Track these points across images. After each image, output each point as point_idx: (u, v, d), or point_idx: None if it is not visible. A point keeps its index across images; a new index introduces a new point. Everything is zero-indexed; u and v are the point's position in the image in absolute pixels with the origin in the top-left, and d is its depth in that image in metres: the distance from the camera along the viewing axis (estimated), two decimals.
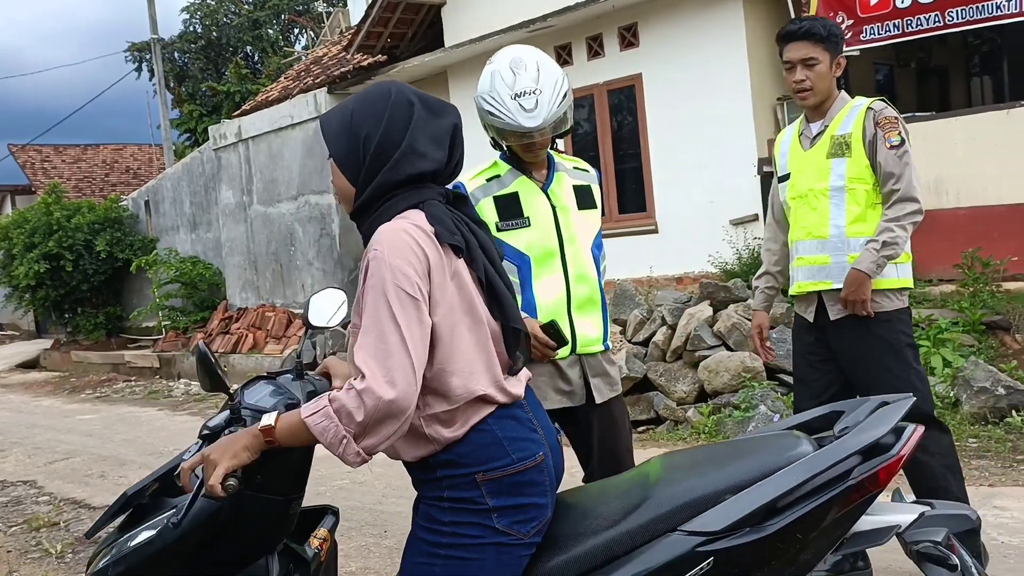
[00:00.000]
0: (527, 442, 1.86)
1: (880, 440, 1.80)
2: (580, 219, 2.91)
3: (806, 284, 3.28)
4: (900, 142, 3.12)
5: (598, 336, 2.91)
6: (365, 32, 11.35)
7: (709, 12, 8.60)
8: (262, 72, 24.57)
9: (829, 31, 3.19)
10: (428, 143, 1.85)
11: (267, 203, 13.31)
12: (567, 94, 2.77)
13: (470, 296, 1.85)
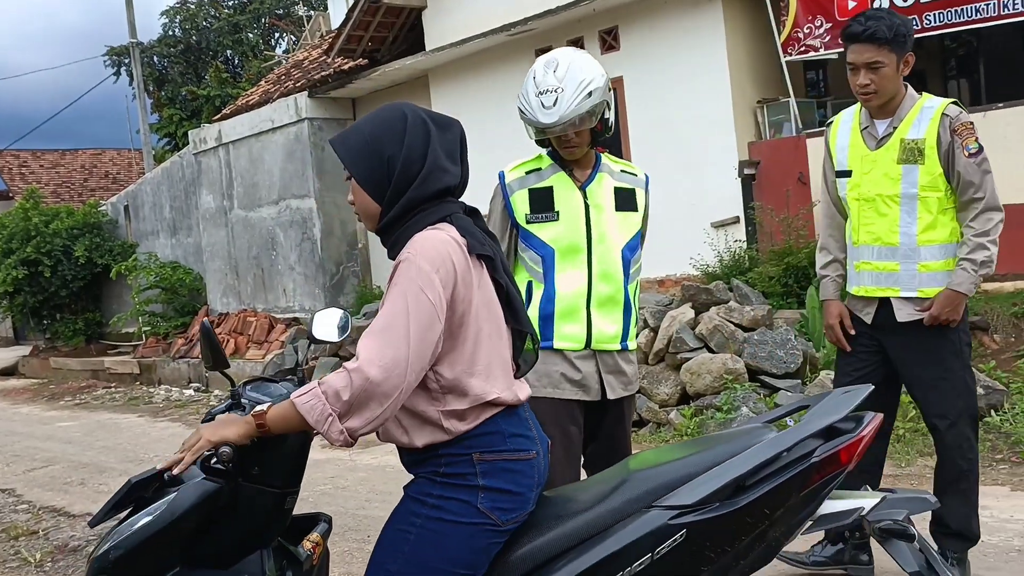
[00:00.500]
0: (524, 439, 2.00)
1: (839, 424, 1.95)
2: (615, 219, 2.98)
3: (872, 289, 3.22)
4: (978, 149, 3.05)
5: (615, 334, 2.97)
6: (346, 36, 11.32)
7: (689, 16, 8.64)
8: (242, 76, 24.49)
9: (895, 31, 3.03)
10: (446, 159, 1.97)
11: (248, 208, 13.24)
12: (593, 93, 2.84)
13: (492, 303, 1.99)
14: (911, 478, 4.86)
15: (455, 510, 1.93)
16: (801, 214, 7.72)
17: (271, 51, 24.70)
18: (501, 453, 1.95)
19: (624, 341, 3.00)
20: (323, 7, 21.17)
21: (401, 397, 1.82)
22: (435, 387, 1.92)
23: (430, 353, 1.85)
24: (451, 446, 1.94)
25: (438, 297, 1.84)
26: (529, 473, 1.98)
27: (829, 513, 1.96)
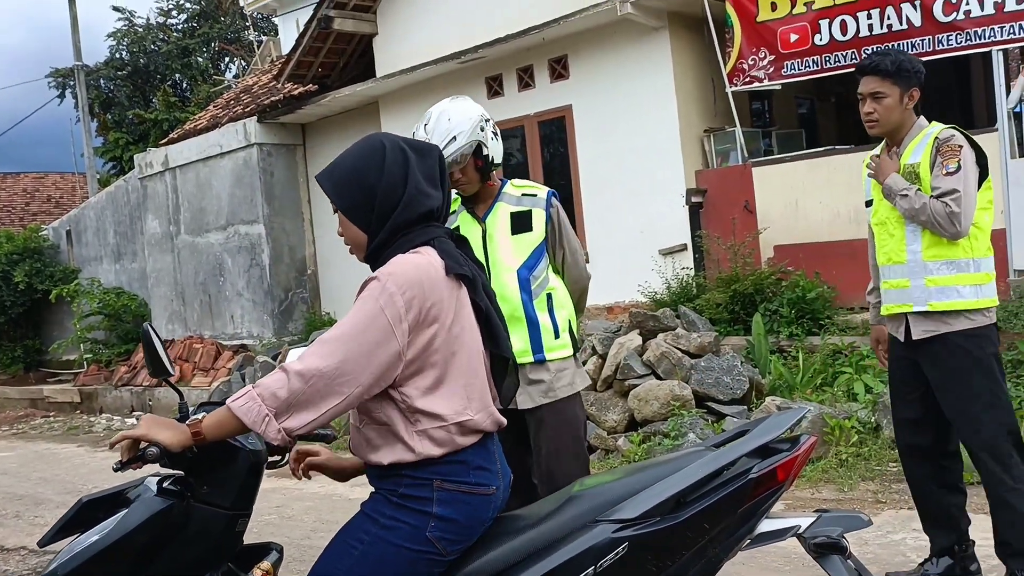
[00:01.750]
0: (488, 473, 2.03)
1: (776, 444, 2.02)
2: (509, 244, 3.25)
3: (893, 306, 3.40)
4: (956, 168, 3.19)
5: (523, 348, 3.17)
6: (296, 61, 11.29)
7: (637, 46, 8.78)
8: (191, 100, 24.23)
9: (898, 66, 3.27)
10: (426, 183, 2.03)
11: (195, 233, 13.07)
12: (457, 137, 3.12)
13: (471, 326, 2.03)
14: (853, 502, 4.93)
15: (403, 534, 1.95)
16: (747, 241, 7.84)
17: (220, 76, 24.50)
18: (462, 484, 1.98)
19: (538, 353, 3.22)
20: (274, 32, 21.09)
21: (343, 405, 1.86)
22: (404, 407, 1.95)
23: (382, 370, 1.88)
24: (415, 468, 1.96)
25: (398, 318, 1.88)
26: (484, 509, 2.01)
27: (768, 531, 2.02)
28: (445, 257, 1.99)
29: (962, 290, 3.23)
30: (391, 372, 1.90)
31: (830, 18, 7.73)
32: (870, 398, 5.98)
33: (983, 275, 3.26)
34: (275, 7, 17.44)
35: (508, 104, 9.88)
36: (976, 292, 3.24)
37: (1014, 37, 6.85)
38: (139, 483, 2.25)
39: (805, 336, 7.16)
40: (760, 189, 8.15)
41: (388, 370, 1.89)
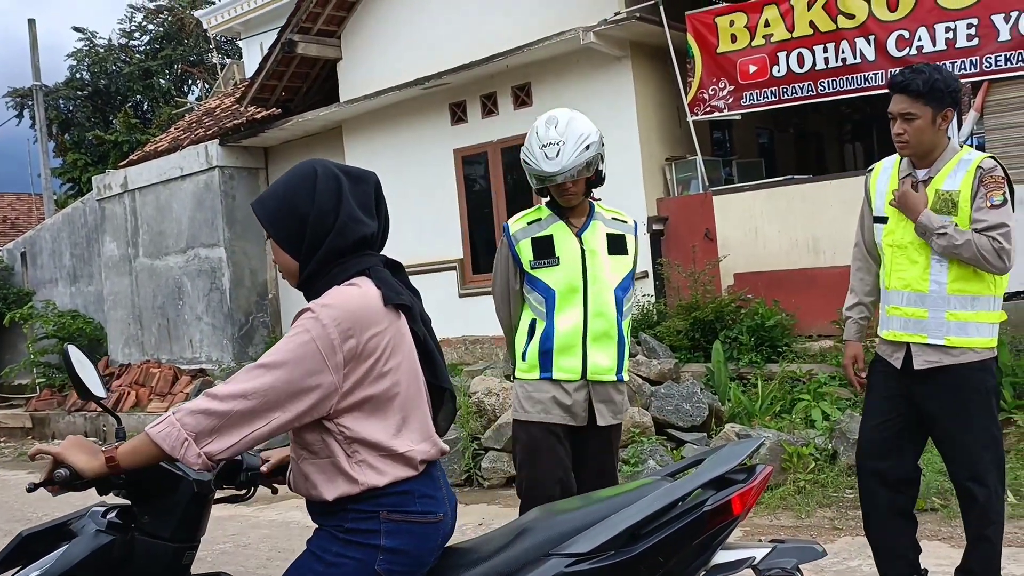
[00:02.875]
0: (433, 500, 1.99)
1: (731, 474, 2.02)
2: (608, 262, 3.33)
3: (900, 334, 3.24)
4: (1003, 202, 3.07)
5: (610, 367, 3.30)
6: (259, 85, 11.25)
7: (600, 74, 8.87)
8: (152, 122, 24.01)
9: (931, 86, 3.08)
10: (360, 211, 1.99)
11: (154, 256, 12.91)
12: (591, 146, 3.22)
13: (409, 356, 1.99)
14: (810, 529, 4.96)
15: (351, 570, 1.91)
16: (707, 269, 7.92)
17: (183, 98, 24.34)
18: (409, 514, 1.94)
19: (619, 373, 3.33)
20: (237, 55, 21.01)
21: (266, 431, 1.83)
22: (342, 439, 1.91)
23: (312, 401, 1.85)
24: (360, 502, 1.92)
25: (331, 350, 1.84)
26: (433, 536, 1.99)
27: (723, 563, 2.01)
28: (382, 287, 1.95)
29: (981, 328, 3.12)
30: (324, 403, 1.86)
31: (788, 51, 7.89)
32: (827, 425, 6.03)
33: (1000, 313, 3.18)
34: (239, 30, 17.39)
35: (471, 131, 9.92)
36: (992, 331, 3.16)
37: (965, 73, 7.03)
38: (83, 514, 2.17)
39: (764, 363, 7.22)
40: (720, 217, 8.24)
41: (320, 401, 1.86)
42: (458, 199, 10.14)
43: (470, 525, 5.87)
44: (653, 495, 1.98)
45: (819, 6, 7.65)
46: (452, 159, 10.16)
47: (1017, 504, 4.89)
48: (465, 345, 10.00)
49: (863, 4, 7.44)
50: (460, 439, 7.03)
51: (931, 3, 7.16)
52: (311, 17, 10.60)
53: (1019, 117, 6.94)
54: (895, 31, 7.32)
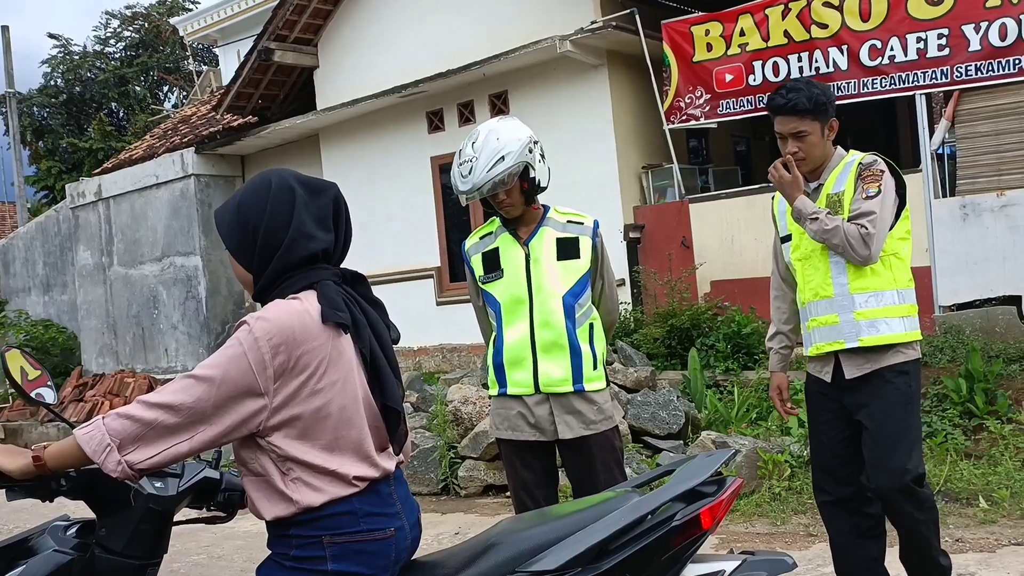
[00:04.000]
0: (381, 517, 1.93)
1: (701, 487, 1.99)
2: (555, 269, 3.20)
3: (824, 345, 3.20)
4: (877, 192, 3.07)
5: (563, 377, 3.16)
6: (235, 92, 11.20)
7: (577, 82, 8.90)
8: (128, 129, 23.84)
9: (814, 101, 3.11)
10: (314, 225, 1.94)
11: (129, 264, 12.80)
12: (506, 157, 3.09)
13: (348, 374, 1.92)
14: (786, 536, 4.98)
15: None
16: (684, 277, 7.95)
17: (159, 105, 24.18)
18: (354, 535, 1.89)
19: (578, 383, 3.17)
20: (214, 63, 20.92)
21: (190, 445, 1.79)
22: (275, 456, 1.87)
23: (240, 417, 1.81)
24: (302, 527, 1.88)
25: (262, 364, 1.81)
26: (384, 553, 1.93)
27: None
28: (324, 303, 1.90)
29: (891, 323, 3.12)
30: (253, 419, 1.82)
31: (763, 60, 7.95)
32: (802, 432, 6.06)
33: (909, 307, 3.17)
34: (216, 38, 17.32)
35: (449, 139, 9.92)
36: (903, 324, 3.14)
37: (936, 82, 7.12)
38: (44, 530, 2.13)
39: (740, 371, 7.25)
40: (697, 225, 8.28)
41: (249, 417, 1.82)
42: (435, 207, 10.13)
43: (447, 534, 5.85)
44: (621, 510, 1.95)
45: (793, 16, 7.73)
46: (429, 167, 10.15)
47: (989, 509, 4.94)
48: (443, 353, 9.98)
49: (836, 14, 7.52)
50: (437, 448, 7.01)
51: (902, 14, 7.24)
52: (288, 25, 10.58)
53: (989, 126, 7.03)
54: (867, 41, 7.40)
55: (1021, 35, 6.78)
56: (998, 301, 6.85)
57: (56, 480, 1.94)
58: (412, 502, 2.07)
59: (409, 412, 8.22)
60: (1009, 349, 6.43)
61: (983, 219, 6.88)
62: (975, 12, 6.94)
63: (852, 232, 3.03)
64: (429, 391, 8.40)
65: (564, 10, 8.84)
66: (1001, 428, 5.69)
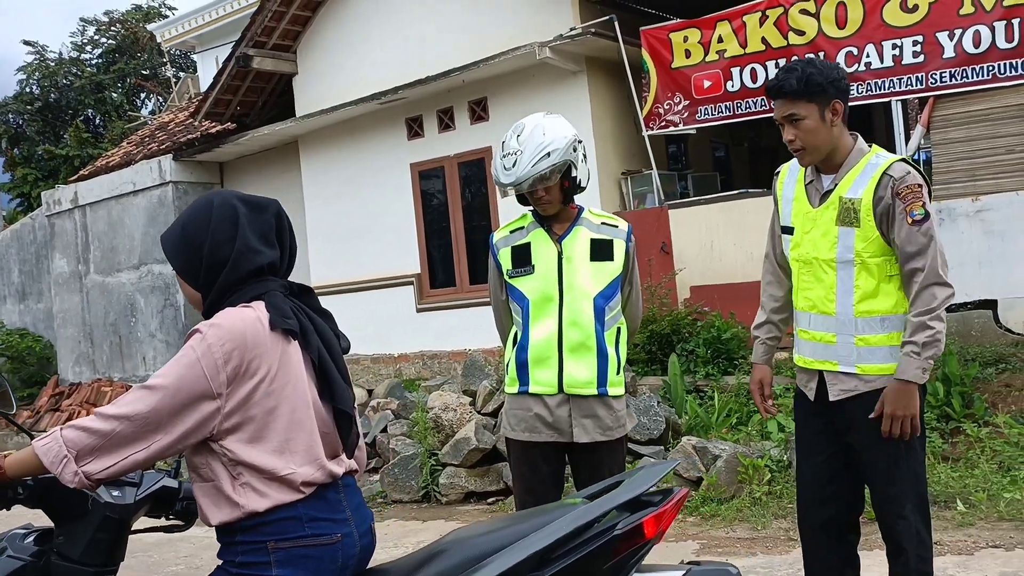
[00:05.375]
0: (328, 522, 1.97)
1: (646, 497, 2.02)
2: (588, 269, 3.15)
3: (811, 361, 2.94)
4: (923, 216, 2.71)
5: (588, 379, 3.10)
6: (214, 99, 11.15)
7: (556, 89, 8.92)
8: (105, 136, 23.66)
9: (807, 80, 2.76)
10: (258, 240, 2.01)
11: (106, 272, 12.69)
12: (552, 153, 3.07)
13: (297, 379, 1.97)
14: (766, 541, 5.00)
15: None
16: (664, 282, 7.97)
17: (136, 112, 24.02)
18: (299, 540, 1.92)
19: (602, 387, 3.11)
20: (192, 69, 20.81)
21: (147, 453, 1.84)
22: (226, 461, 1.91)
23: (196, 422, 1.85)
24: (247, 533, 1.91)
25: (215, 369, 1.85)
26: (331, 558, 1.95)
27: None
28: (272, 311, 1.95)
29: (894, 352, 2.78)
30: (207, 424, 1.87)
31: (741, 66, 8.00)
32: (783, 436, 6.09)
33: None
34: (194, 44, 17.24)
35: (428, 145, 9.92)
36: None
37: (911, 88, 7.19)
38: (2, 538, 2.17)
39: (720, 376, 7.28)
40: (676, 231, 8.31)
41: (203, 421, 1.86)
42: (415, 214, 10.12)
43: (426, 542, 5.82)
44: (564, 518, 1.95)
45: (771, 23, 7.78)
46: (409, 174, 10.14)
47: (967, 512, 4.98)
48: (423, 360, 9.96)
49: (813, 21, 7.58)
50: (418, 455, 6.99)
51: (878, 21, 7.31)
52: (266, 31, 10.54)
53: (962, 132, 7.11)
54: (844, 48, 7.46)
55: (995, 42, 6.86)
56: (974, 305, 6.92)
57: (14, 488, 1.99)
58: (365, 511, 2.10)
59: (390, 419, 8.19)
60: (985, 353, 6.50)
61: (959, 224, 6.95)
62: (949, 20, 7.02)
63: (940, 295, 2.70)
64: (410, 398, 8.38)
65: (543, 17, 8.87)
66: (978, 431, 5.74)
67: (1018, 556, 4.32)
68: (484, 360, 7.90)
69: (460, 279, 9.73)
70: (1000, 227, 6.82)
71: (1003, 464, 5.42)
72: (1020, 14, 6.75)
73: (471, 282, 9.71)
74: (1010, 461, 5.41)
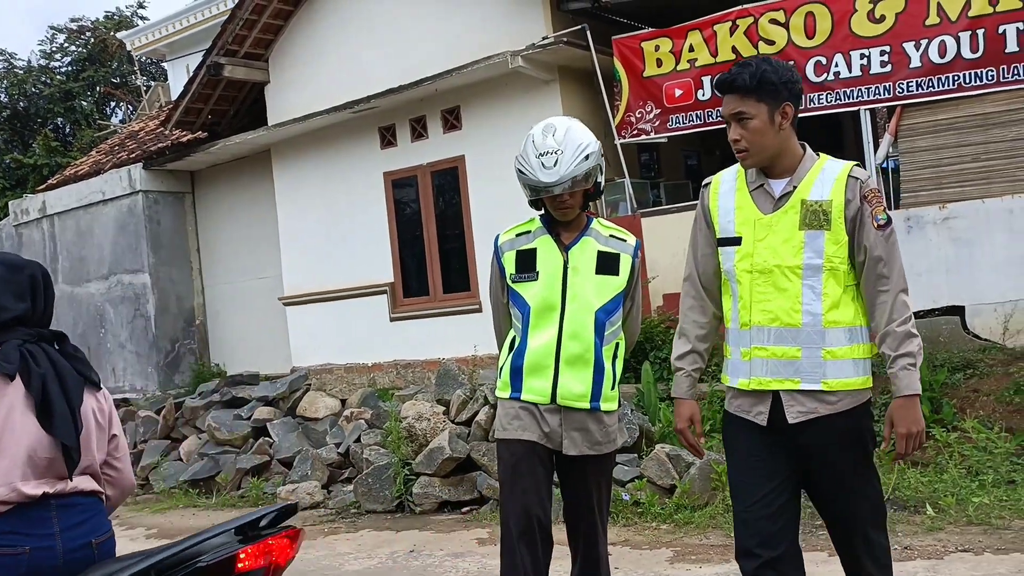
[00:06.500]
0: (20, 536, 2.24)
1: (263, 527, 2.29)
2: (593, 281, 3.11)
3: (767, 380, 2.66)
4: (887, 220, 2.64)
5: (582, 393, 3.07)
6: (185, 108, 11.05)
7: (528, 97, 8.93)
8: (73, 145, 23.40)
9: (760, 78, 2.61)
10: (10, 298, 2.37)
11: (74, 283, 12.54)
12: (590, 156, 3.06)
13: (9, 412, 2.26)
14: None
15: None
16: None
17: (106, 120, 23.78)
18: None
19: (595, 401, 3.08)
20: (163, 77, 20.64)
21: None
22: None
23: None
24: None
25: None
26: (13, 568, 2.21)
27: None
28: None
29: (858, 364, 2.64)
30: None
31: (712, 75, 8.05)
32: None
33: (872, 345, 2.69)
34: (164, 52, 17.09)
35: (401, 154, 9.89)
36: (867, 368, 2.67)
37: (879, 97, 7.28)
38: None
39: None
40: (649, 239, 8.33)
41: None
42: (388, 223, 10.08)
43: (400, 552, 5.80)
44: (169, 544, 2.18)
45: (741, 32, 7.85)
46: (382, 182, 10.10)
47: (936, 516, 5.02)
48: (396, 369, 9.92)
49: (782, 31, 7.66)
50: (391, 464, 6.95)
51: (846, 31, 7.40)
52: (238, 40, 10.48)
53: (929, 141, 7.20)
54: (813, 57, 7.54)
55: (960, 52, 6.96)
56: (941, 312, 7.00)
57: None
58: (88, 529, 2.34)
59: (363, 429, 8.16)
60: (953, 358, 6.58)
61: (926, 231, 7.03)
62: (915, 30, 7.11)
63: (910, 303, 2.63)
64: (383, 407, 8.34)
65: (516, 26, 8.88)
66: (947, 436, 5.81)
67: (987, 560, 4.37)
68: (458, 369, 7.88)
69: (434, 288, 9.70)
70: (967, 234, 6.91)
71: (971, 469, 5.49)
72: (984, 25, 6.86)
73: (445, 291, 9.69)
74: (978, 466, 5.47)
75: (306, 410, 9.37)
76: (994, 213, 6.82)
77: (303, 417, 9.31)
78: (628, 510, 5.85)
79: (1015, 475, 5.31)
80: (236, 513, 7.57)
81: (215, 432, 9.07)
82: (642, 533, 5.50)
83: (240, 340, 11.82)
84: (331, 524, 6.88)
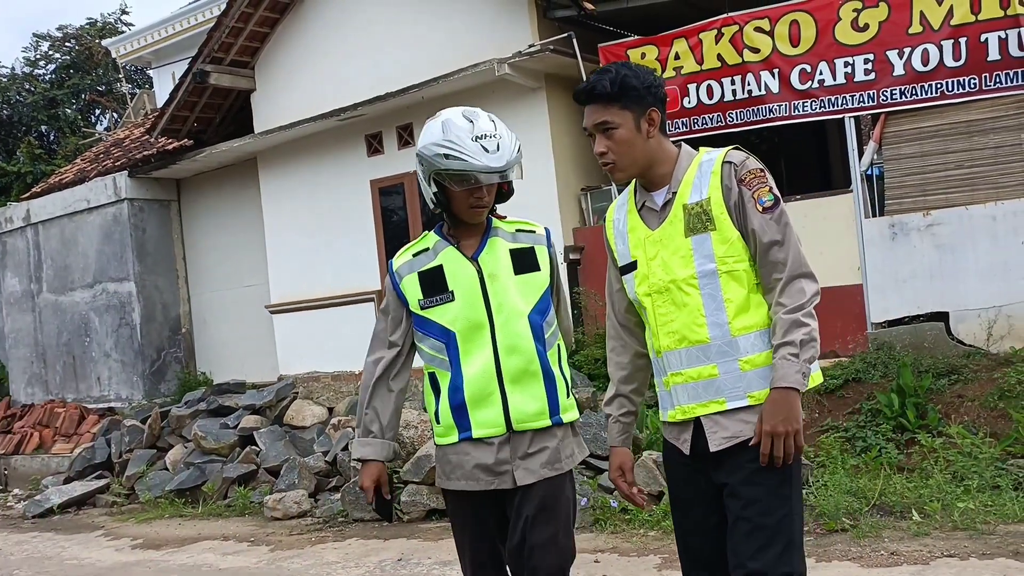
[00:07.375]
0: None
1: None
2: (514, 285, 2.75)
3: (692, 407, 2.46)
4: (774, 201, 2.40)
5: (539, 410, 2.72)
6: (170, 115, 11.02)
7: (515, 105, 8.95)
8: (58, 153, 23.28)
9: (622, 84, 2.45)
10: None
11: (59, 291, 12.47)
12: (520, 149, 2.78)
13: None
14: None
15: None
16: None
17: (90, 128, 23.67)
18: None
19: (555, 415, 2.73)
20: (148, 85, 20.57)
21: None
22: None
23: None
24: None
25: None
26: None
27: None
28: None
29: None
30: None
31: (698, 83, 8.10)
32: None
33: None
34: (150, 60, 17.03)
35: (388, 162, 9.89)
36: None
37: (863, 105, 7.33)
38: None
39: None
40: None
41: None
42: (375, 230, 10.08)
43: (389, 561, 5.78)
44: None
45: (726, 40, 7.89)
46: (369, 190, 10.10)
47: (922, 522, 5.05)
48: None
49: (767, 39, 7.70)
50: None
51: (830, 39, 7.45)
52: (224, 47, 10.46)
53: (913, 148, 7.25)
54: (798, 65, 7.59)
55: (943, 60, 7.02)
56: (926, 317, 7.05)
57: None
58: None
59: (351, 437, 8.12)
60: (938, 364, 6.62)
61: (911, 238, 7.08)
62: (899, 39, 7.17)
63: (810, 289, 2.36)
64: None
65: (502, 34, 8.91)
66: (932, 442, 5.84)
67: (972, 565, 4.39)
68: None
69: None
70: (950, 241, 6.96)
71: (957, 474, 5.51)
72: (967, 33, 6.92)
73: None
74: (963, 471, 5.50)
75: (293, 418, 9.33)
76: (978, 220, 6.88)
77: (290, 425, 9.28)
78: (616, 517, 5.85)
79: (1000, 480, 5.34)
80: (222, 522, 7.53)
81: (201, 441, 9.02)
82: (630, 540, 5.50)
83: (226, 348, 11.77)
84: (318, 533, 6.86)
